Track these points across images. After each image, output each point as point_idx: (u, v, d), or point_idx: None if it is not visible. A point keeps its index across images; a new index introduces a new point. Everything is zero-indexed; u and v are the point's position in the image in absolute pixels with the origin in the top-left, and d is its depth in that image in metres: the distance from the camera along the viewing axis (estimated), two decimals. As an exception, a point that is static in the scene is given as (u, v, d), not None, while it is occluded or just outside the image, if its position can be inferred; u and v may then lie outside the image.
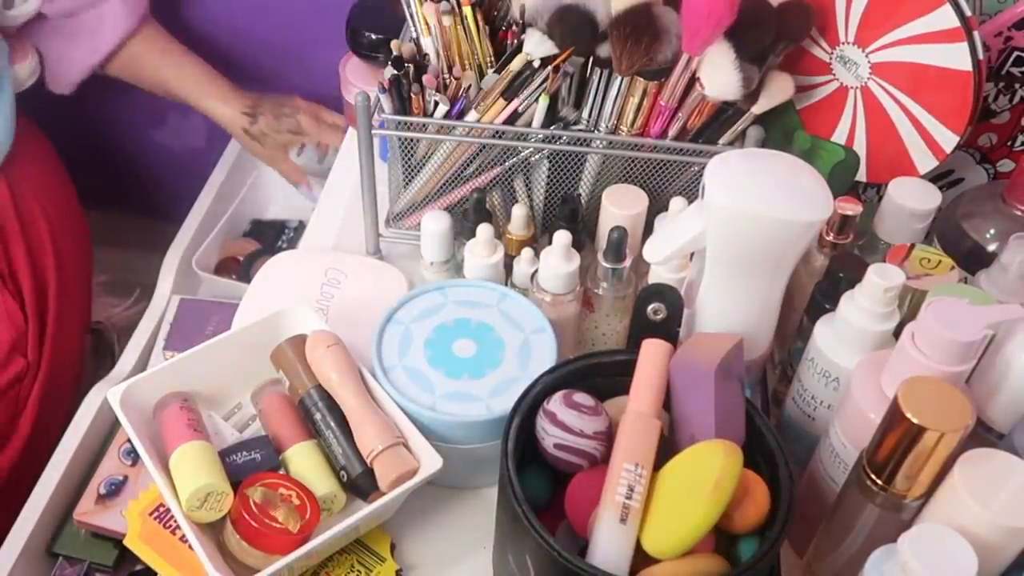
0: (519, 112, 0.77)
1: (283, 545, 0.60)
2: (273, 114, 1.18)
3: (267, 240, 1.33)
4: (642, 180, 0.80)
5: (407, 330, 0.71)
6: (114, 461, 1.02)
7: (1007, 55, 0.78)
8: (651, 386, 0.57)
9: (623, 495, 0.53)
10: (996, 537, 0.47)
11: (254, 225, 1.36)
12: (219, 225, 1.25)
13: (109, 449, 1.06)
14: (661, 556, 0.52)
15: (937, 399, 0.49)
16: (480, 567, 0.67)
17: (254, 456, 0.66)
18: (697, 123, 0.77)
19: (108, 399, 0.67)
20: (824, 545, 0.60)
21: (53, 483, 0.83)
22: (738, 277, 0.62)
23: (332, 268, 0.86)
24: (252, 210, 1.36)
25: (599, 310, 0.74)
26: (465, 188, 0.84)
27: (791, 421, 0.68)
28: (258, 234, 1.34)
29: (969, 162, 0.85)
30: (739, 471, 0.51)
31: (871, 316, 0.59)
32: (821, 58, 0.79)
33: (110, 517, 0.99)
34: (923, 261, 0.65)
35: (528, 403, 0.59)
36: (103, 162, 1.53)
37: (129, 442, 1.03)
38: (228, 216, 1.28)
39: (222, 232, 1.26)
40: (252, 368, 0.72)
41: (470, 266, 0.75)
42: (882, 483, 0.52)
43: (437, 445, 0.65)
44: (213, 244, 1.24)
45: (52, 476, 0.84)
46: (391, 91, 0.78)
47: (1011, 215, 0.71)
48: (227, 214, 1.28)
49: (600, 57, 0.75)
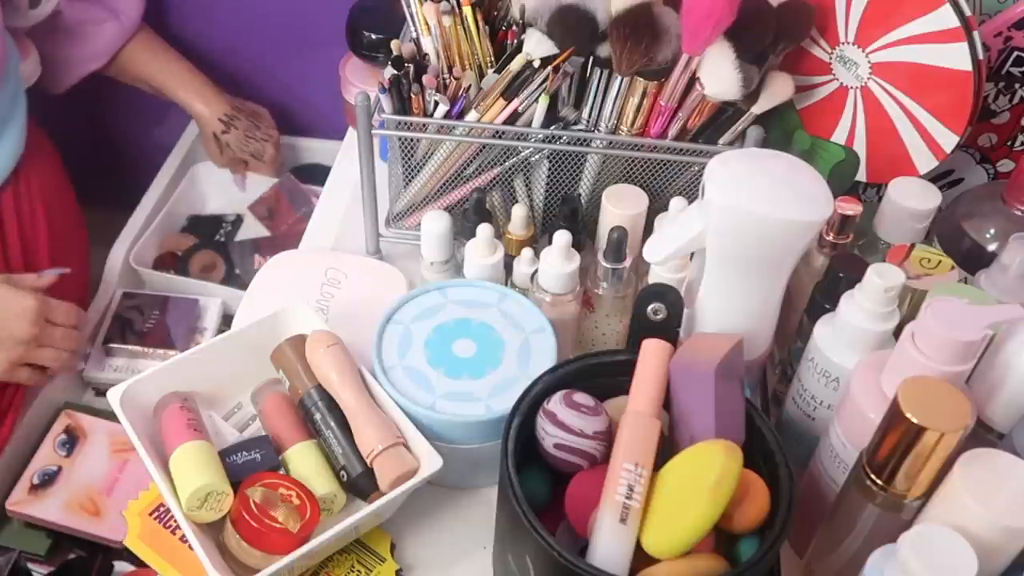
0: (519, 112, 0.77)
1: (283, 545, 0.60)
2: (245, 133, 1.25)
3: (205, 235, 1.36)
4: (642, 180, 0.80)
5: (407, 330, 0.71)
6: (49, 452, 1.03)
7: (1007, 55, 0.78)
8: (651, 386, 0.57)
9: (623, 495, 0.53)
10: (996, 537, 0.47)
11: (192, 220, 1.38)
12: (156, 221, 1.29)
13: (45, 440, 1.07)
14: (661, 556, 0.52)
15: (937, 399, 0.49)
16: (480, 567, 0.67)
17: (254, 456, 0.66)
18: (697, 123, 0.77)
19: (108, 399, 0.67)
20: (824, 545, 0.60)
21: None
22: (738, 277, 0.62)
23: (332, 268, 0.86)
24: (190, 206, 1.38)
25: (599, 310, 0.74)
26: (465, 188, 0.84)
27: (791, 421, 0.68)
28: (196, 229, 1.37)
29: (969, 162, 0.85)
30: (739, 471, 0.51)
31: (871, 316, 0.59)
32: (821, 58, 0.79)
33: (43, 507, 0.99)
34: (923, 261, 0.65)
35: (528, 403, 0.59)
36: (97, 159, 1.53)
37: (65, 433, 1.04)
38: (166, 212, 1.31)
39: (161, 228, 1.30)
40: (252, 368, 0.72)
41: (470, 266, 0.75)
42: (882, 483, 0.52)
43: (437, 445, 0.65)
44: (151, 239, 1.28)
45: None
46: (391, 91, 0.78)
47: (1011, 215, 0.71)
48: (164, 210, 1.31)
49: (600, 57, 0.75)
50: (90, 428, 1.07)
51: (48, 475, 1.01)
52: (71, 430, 1.06)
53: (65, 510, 0.99)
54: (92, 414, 1.08)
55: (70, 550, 1.02)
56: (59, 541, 1.01)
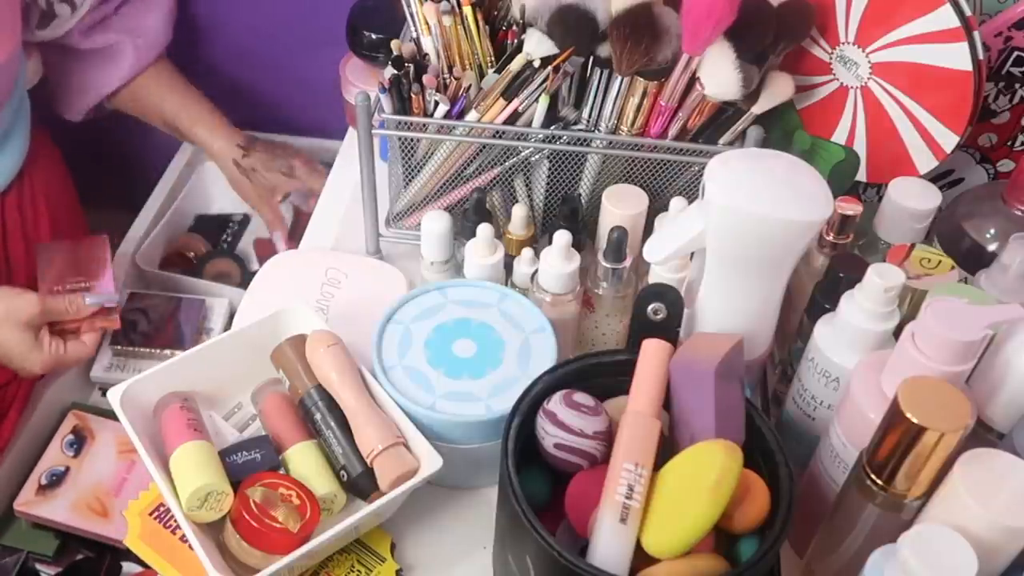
0: (519, 112, 0.77)
1: (283, 545, 0.60)
2: (267, 152, 1.17)
3: (211, 235, 1.35)
4: (642, 180, 0.80)
5: (407, 330, 0.71)
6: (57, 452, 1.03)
7: (1007, 55, 0.78)
8: (651, 386, 0.57)
9: (623, 495, 0.52)
10: (996, 537, 0.47)
11: (198, 220, 1.37)
12: (163, 221, 1.29)
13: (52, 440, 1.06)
14: (661, 556, 0.52)
15: (937, 399, 0.49)
16: (480, 567, 0.67)
17: (254, 456, 0.66)
18: (697, 123, 0.77)
19: (108, 398, 0.67)
20: (824, 545, 0.60)
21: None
22: (738, 277, 0.62)
23: (332, 268, 0.86)
24: (196, 206, 1.38)
25: (599, 310, 0.74)
26: (465, 188, 0.84)
27: (791, 421, 0.68)
28: (202, 228, 1.36)
29: (969, 162, 0.85)
30: (739, 471, 0.51)
31: (871, 316, 0.59)
32: (821, 58, 0.79)
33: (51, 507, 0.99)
34: (923, 261, 0.65)
35: (528, 403, 0.59)
36: (104, 160, 1.53)
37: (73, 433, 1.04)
38: (172, 212, 1.31)
39: (167, 228, 1.30)
40: (252, 368, 0.72)
41: (470, 266, 0.75)
42: (882, 483, 0.52)
43: (437, 445, 0.65)
44: (157, 239, 1.27)
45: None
46: (391, 91, 0.78)
47: (1011, 215, 0.71)
48: (170, 210, 1.31)
49: (600, 57, 0.75)
50: (98, 428, 1.07)
51: (56, 475, 1.01)
52: (79, 430, 1.06)
53: (73, 510, 1.00)
54: (99, 414, 1.08)
55: (78, 551, 1.02)
56: (67, 542, 1.01)
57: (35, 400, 1.05)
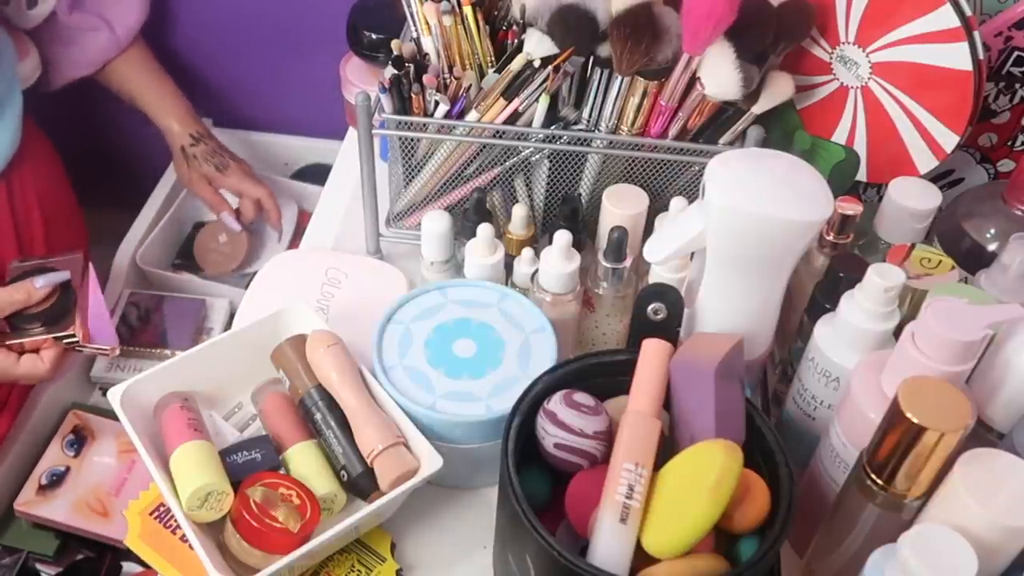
0: (519, 112, 0.77)
1: (283, 545, 0.61)
2: (212, 147, 1.25)
3: None
4: (642, 180, 0.80)
5: (407, 330, 0.71)
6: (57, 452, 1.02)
7: (1007, 55, 0.78)
8: (651, 386, 0.57)
9: (623, 495, 0.52)
10: (996, 537, 0.47)
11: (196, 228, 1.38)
12: (163, 221, 1.31)
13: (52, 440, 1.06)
14: (661, 556, 0.52)
15: (937, 399, 0.49)
16: (480, 567, 0.67)
17: (254, 456, 0.66)
18: (697, 123, 0.77)
19: (108, 398, 0.67)
20: (824, 545, 0.60)
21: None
22: (738, 277, 0.62)
23: (332, 268, 0.86)
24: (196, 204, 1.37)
25: (599, 310, 0.74)
26: (465, 188, 0.84)
27: (791, 421, 0.68)
28: None
29: (969, 162, 0.85)
30: (739, 471, 0.51)
31: (871, 316, 0.59)
32: (821, 58, 0.79)
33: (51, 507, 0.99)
34: (923, 261, 0.65)
35: (528, 403, 0.59)
36: (101, 160, 1.53)
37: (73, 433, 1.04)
38: (172, 211, 1.33)
39: (167, 227, 1.32)
40: (252, 368, 0.72)
41: (470, 266, 0.75)
42: (882, 483, 0.52)
43: (437, 445, 0.65)
44: (157, 239, 1.29)
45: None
46: (391, 91, 0.78)
47: (1011, 215, 0.71)
48: (171, 209, 1.33)
49: (600, 57, 0.75)
50: (98, 428, 1.07)
51: (56, 475, 1.01)
52: (79, 430, 1.06)
53: (73, 510, 1.00)
54: (100, 414, 1.08)
55: (78, 551, 1.02)
56: (67, 542, 1.01)
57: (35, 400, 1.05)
